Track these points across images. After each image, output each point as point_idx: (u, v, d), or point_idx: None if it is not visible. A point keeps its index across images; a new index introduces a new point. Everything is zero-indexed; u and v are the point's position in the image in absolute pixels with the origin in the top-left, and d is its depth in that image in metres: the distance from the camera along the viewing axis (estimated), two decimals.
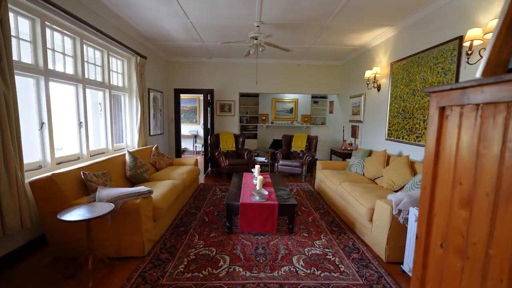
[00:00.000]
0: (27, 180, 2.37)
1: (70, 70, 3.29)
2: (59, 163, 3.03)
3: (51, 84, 2.90)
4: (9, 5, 2.30)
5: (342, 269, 2.37)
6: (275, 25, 4.18)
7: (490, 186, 0.73)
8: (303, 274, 2.28)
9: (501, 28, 0.78)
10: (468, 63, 2.69)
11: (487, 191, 0.74)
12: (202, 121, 9.21)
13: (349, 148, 5.65)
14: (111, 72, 4.15)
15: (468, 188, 0.81)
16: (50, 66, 2.92)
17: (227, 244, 2.80)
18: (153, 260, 2.47)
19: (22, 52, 2.59)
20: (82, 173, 2.61)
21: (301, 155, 6.26)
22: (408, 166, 3.27)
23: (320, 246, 2.79)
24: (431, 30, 3.38)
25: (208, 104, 6.52)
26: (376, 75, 4.64)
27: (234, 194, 3.34)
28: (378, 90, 4.72)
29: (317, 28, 4.33)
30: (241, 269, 2.34)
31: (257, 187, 3.33)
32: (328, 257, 2.58)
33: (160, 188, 3.19)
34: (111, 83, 4.16)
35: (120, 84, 4.55)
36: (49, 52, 2.92)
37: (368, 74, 4.79)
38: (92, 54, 3.79)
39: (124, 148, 4.61)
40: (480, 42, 2.54)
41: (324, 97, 8.62)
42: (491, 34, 2.38)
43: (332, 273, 2.30)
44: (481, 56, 2.53)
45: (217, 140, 6.32)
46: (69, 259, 2.46)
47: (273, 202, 3.02)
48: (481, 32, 2.49)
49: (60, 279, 2.18)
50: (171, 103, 6.70)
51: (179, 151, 6.82)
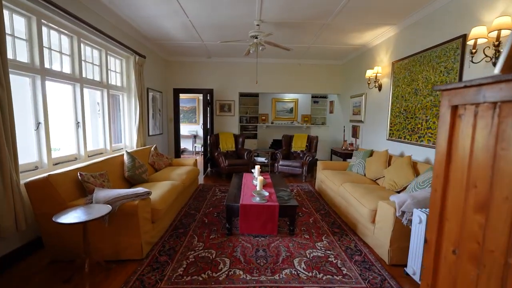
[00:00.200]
0: (22, 181, 2.31)
1: (67, 69, 3.24)
2: (56, 164, 2.98)
3: (47, 83, 2.85)
4: (4, 2, 2.25)
5: (344, 272, 2.32)
6: (275, 24, 4.13)
7: (509, 189, 0.68)
8: (305, 277, 2.23)
9: None
10: (472, 62, 2.64)
11: (506, 195, 0.69)
12: (201, 121, 9.14)
13: (349, 148, 5.60)
14: (109, 71, 4.09)
15: (484, 191, 0.76)
16: (47, 65, 2.87)
17: (227, 246, 2.75)
18: (152, 263, 2.42)
19: (17, 50, 2.54)
20: (79, 174, 2.56)
21: (301, 155, 6.21)
22: (410, 166, 3.23)
23: (322, 248, 2.75)
24: (433, 29, 3.34)
25: (208, 104, 6.46)
26: (377, 74, 4.60)
27: (234, 195, 3.29)
28: (379, 89, 4.68)
29: (317, 27, 4.28)
30: (241, 272, 2.29)
31: (258, 188, 3.28)
32: (330, 259, 2.53)
33: (159, 189, 3.14)
34: (110, 82, 4.11)
35: (119, 84, 4.49)
36: (46, 51, 2.86)
37: (369, 73, 4.75)
38: (90, 53, 3.73)
39: (122, 149, 4.55)
40: (485, 40, 2.49)
41: (324, 97, 8.58)
42: (496, 32, 2.35)
43: (335, 276, 2.25)
44: (486, 55, 2.48)
45: (216, 140, 6.27)
46: (66, 262, 2.40)
47: (273, 203, 2.98)
48: (485, 30, 2.45)
49: (56, 283, 2.13)
50: (170, 103, 6.65)
51: (178, 152, 6.77)
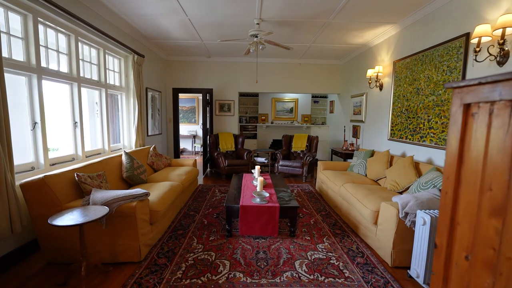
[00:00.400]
0: (18, 182, 2.26)
1: (64, 69, 3.19)
2: (52, 164, 2.93)
3: (44, 82, 2.80)
4: None
5: (346, 275, 2.27)
6: (276, 22, 4.09)
7: None
8: (307, 280, 2.18)
9: None
10: (476, 61, 2.60)
11: None
12: (201, 121, 9.11)
13: (350, 149, 5.56)
14: (107, 70, 4.04)
15: (500, 194, 0.72)
16: (44, 64, 2.82)
17: (227, 248, 2.71)
18: (150, 266, 2.37)
19: (13, 49, 2.49)
20: (75, 175, 2.51)
21: (301, 155, 6.17)
22: (412, 167, 3.19)
23: (323, 250, 2.70)
24: (435, 27, 3.30)
25: (207, 103, 6.42)
26: (378, 74, 4.56)
27: (234, 196, 3.25)
28: (381, 89, 4.64)
29: (318, 26, 4.24)
30: (241, 275, 2.24)
31: (258, 189, 3.23)
32: (331, 261, 2.48)
33: (157, 190, 3.09)
34: (108, 82, 4.06)
35: (117, 83, 4.44)
36: (42, 50, 2.81)
37: (370, 73, 4.71)
38: (88, 52, 3.69)
39: (121, 149, 4.50)
40: (489, 38, 2.45)
41: (325, 96, 8.54)
42: (500, 30, 2.31)
43: (337, 279, 2.21)
44: (490, 54, 2.44)
45: (216, 140, 6.22)
46: (63, 264, 2.35)
47: (274, 204, 2.93)
48: (489, 29, 2.40)
49: (52, 286, 2.08)
50: (169, 103, 6.60)
51: (177, 152, 6.71)
